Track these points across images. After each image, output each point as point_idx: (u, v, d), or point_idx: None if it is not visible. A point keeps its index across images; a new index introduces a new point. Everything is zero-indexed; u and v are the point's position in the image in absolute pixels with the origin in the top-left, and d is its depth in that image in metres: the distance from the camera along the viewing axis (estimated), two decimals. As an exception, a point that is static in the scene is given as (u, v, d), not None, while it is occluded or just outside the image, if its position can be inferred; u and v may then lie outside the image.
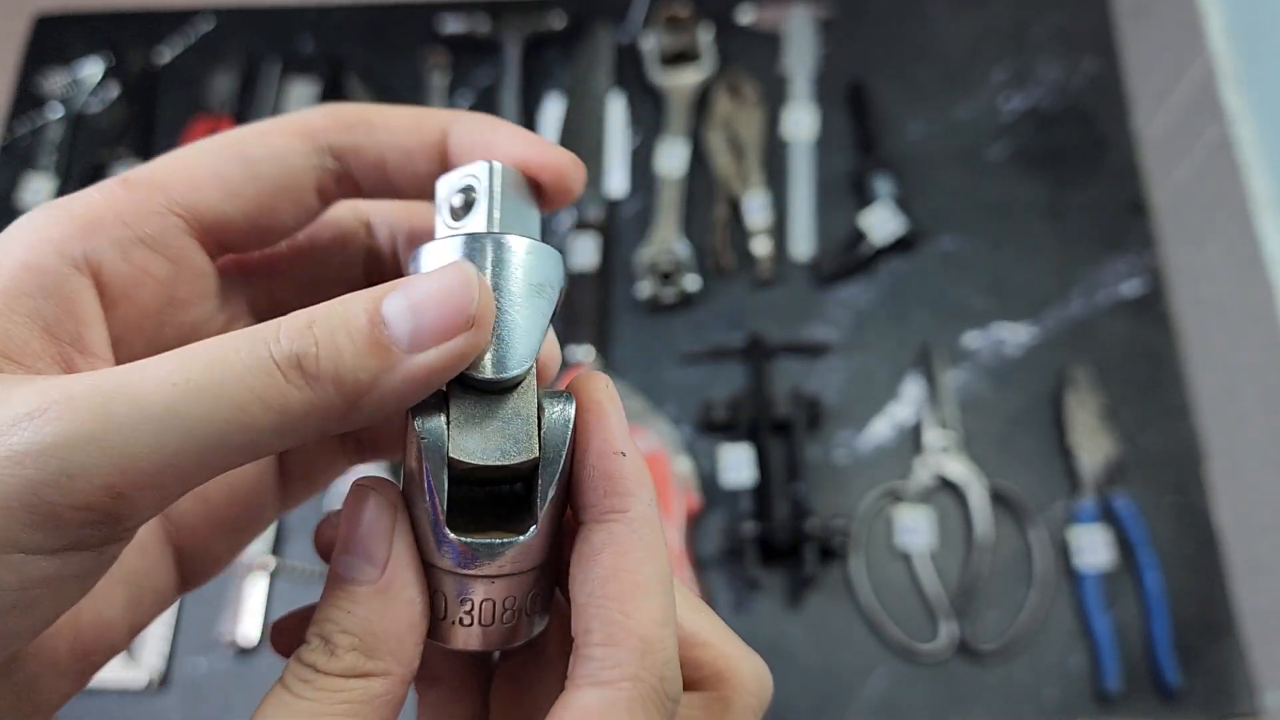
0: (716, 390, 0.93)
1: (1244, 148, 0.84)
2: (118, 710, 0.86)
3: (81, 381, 0.20)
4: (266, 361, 0.21)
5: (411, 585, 0.24)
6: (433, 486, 0.24)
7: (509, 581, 0.25)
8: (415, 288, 0.22)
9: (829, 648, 0.85)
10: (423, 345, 0.22)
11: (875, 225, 0.97)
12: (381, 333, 0.22)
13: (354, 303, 0.22)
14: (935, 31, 1.09)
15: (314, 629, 0.23)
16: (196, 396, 0.20)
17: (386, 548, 0.24)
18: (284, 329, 0.21)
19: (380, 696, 0.23)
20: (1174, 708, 0.82)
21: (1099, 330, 0.95)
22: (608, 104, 1.07)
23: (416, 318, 0.22)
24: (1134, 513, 0.86)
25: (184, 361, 0.20)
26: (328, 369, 0.21)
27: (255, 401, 0.20)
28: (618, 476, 0.24)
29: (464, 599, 0.25)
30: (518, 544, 0.24)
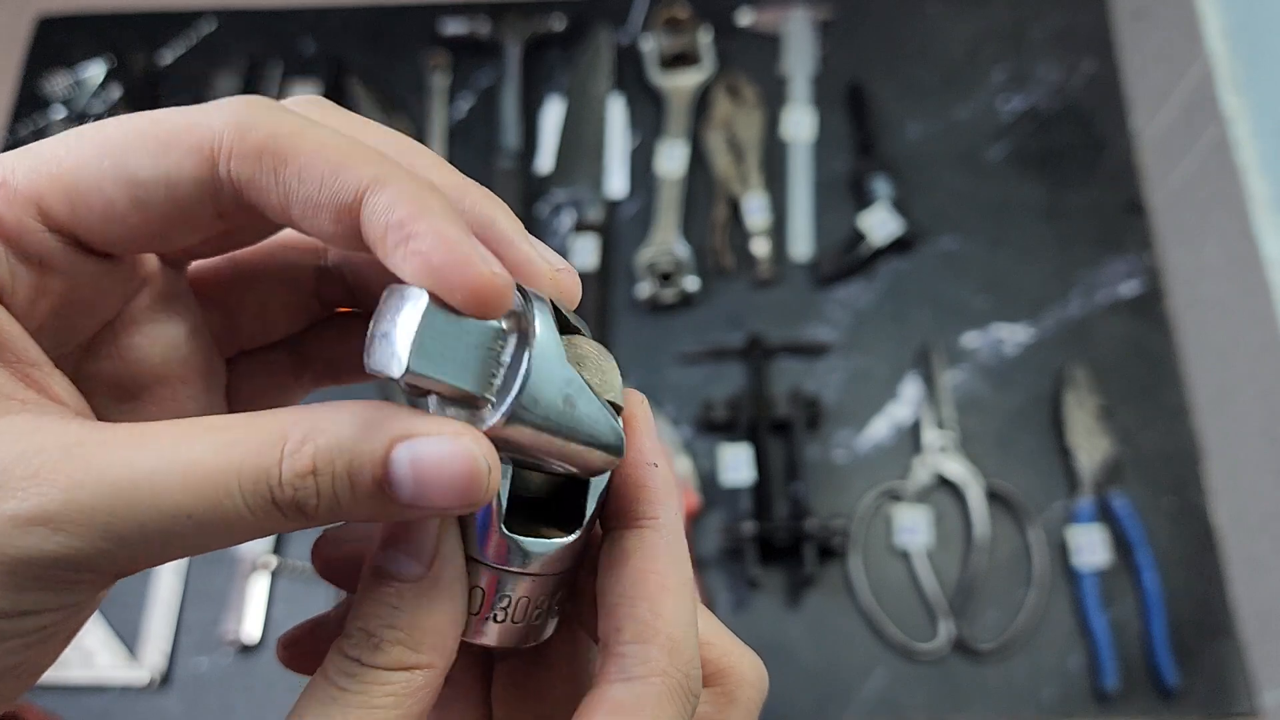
0: (716, 390, 0.94)
1: (1242, 149, 0.85)
2: (120, 708, 0.86)
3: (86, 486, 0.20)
4: (268, 505, 0.21)
5: (457, 580, 0.24)
6: None
7: (545, 581, 0.26)
8: (423, 460, 0.21)
9: (828, 647, 0.85)
10: (423, 507, 0.22)
11: (874, 226, 0.97)
12: (385, 489, 0.22)
13: (363, 451, 0.21)
14: (934, 33, 1.10)
15: (357, 623, 0.24)
16: (196, 531, 0.21)
17: (434, 544, 0.24)
18: (286, 470, 0.21)
19: (421, 689, 0.24)
20: (1172, 707, 0.82)
21: (1097, 330, 0.95)
22: (608, 105, 1.07)
23: (421, 489, 0.22)
24: (1132, 512, 0.86)
25: (189, 489, 0.20)
26: (326, 514, 0.22)
27: (249, 531, 0.21)
28: (650, 486, 0.25)
29: (502, 595, 0.25)
30: (566, 544, 0.25)
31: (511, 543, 0.25)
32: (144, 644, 0.87)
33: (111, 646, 0.87)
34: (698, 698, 0.25)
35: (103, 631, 0.88)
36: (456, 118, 1.09)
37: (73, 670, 0.86)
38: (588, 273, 0.98)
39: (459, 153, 1.07)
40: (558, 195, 1.04)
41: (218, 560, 0.91)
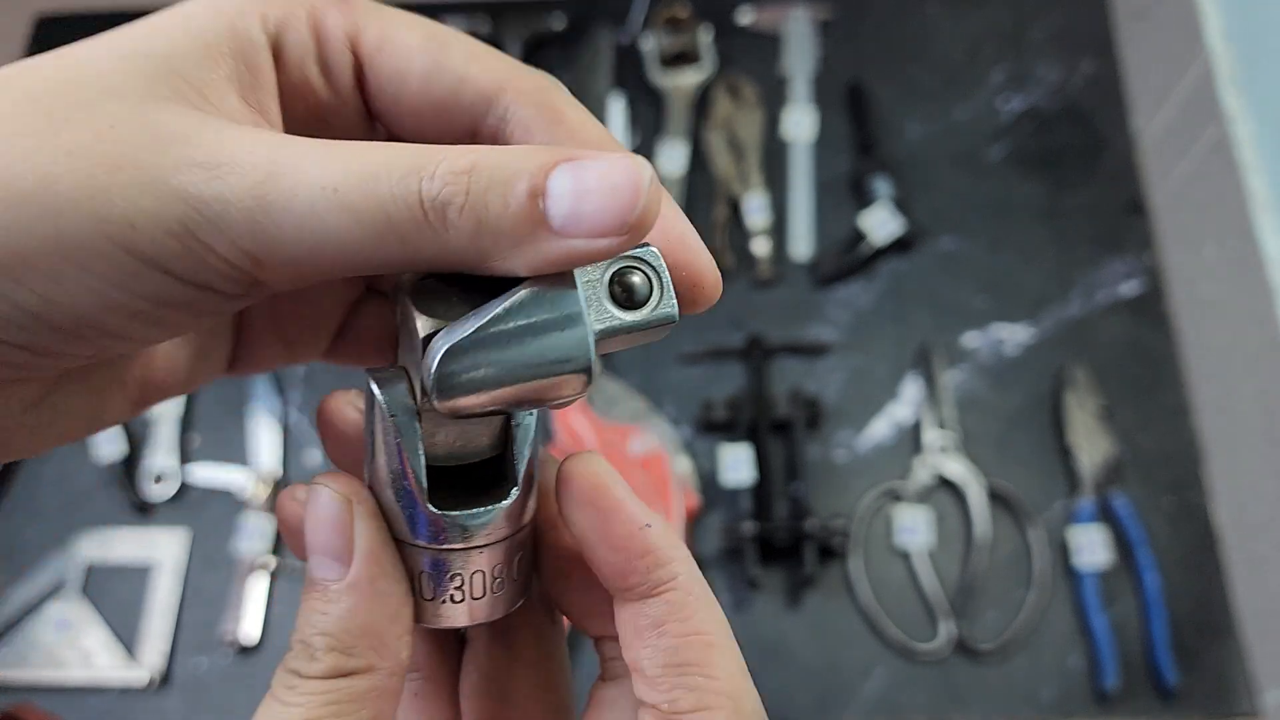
0: (716, 390, 0.94)
1: (1242, 148, 0.85)
2: (119, 709, 0.86)
3: (253, 152, 0.21)
4: (414, 197, 0.21)
5: (384, 575, 0.24)
6: (406, 463, 0.23)
7: (494, 550, 0.25)
8: (586, 173, 0.21)
9: (828, 647, 0.85)
10: (573, 233, 0.21)
11: (874, 226, 0.97)
12: (538, 207, 0.21)
13: (521, 164, 0.21)
14: (934, 33, 1.10)
15: (294, 635, 0.24)
16: (340, 209, 0.21)
17: (348, 542, 0.24)
18: (442, 168, 0.21)
19: (368, 692, 0.23)
20: (1172, 707, 0.82)
21: (1097, 330, 0.95)
22: (608, 105, 1.07)
23: (578, 205, 0.21)
24: (1132, 512, 0.86)
25: (342, 167, 0.21)
26: (468, 224, 0.21)
27: (391, 233, 0.21)
28: (654, 549, 0.25)
29: (452, 574, 0.24)
30: (501, 508, 0.24)
31: (444, 519, 0.24)
32: (143, 644, 0.87)
33: (111, 647, 0.87)
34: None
35: (102, 632, 0.87)
36: (456, 117, 1.09)
37: (72, 671, 0.86)
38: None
39: (459, 152, 1.07)
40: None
41: (217, 561, 0.90)
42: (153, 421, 0.95)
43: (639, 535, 0.25)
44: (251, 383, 0.97)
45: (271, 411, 0.96)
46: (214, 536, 0.91)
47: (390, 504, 0.24)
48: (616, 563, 0.25)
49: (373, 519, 0.24)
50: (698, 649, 0.24)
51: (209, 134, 0.21)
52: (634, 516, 0.25)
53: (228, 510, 0.92)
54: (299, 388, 0.97)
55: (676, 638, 0.24)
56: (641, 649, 0.24)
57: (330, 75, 0.25)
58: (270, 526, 0.91)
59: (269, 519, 0.91)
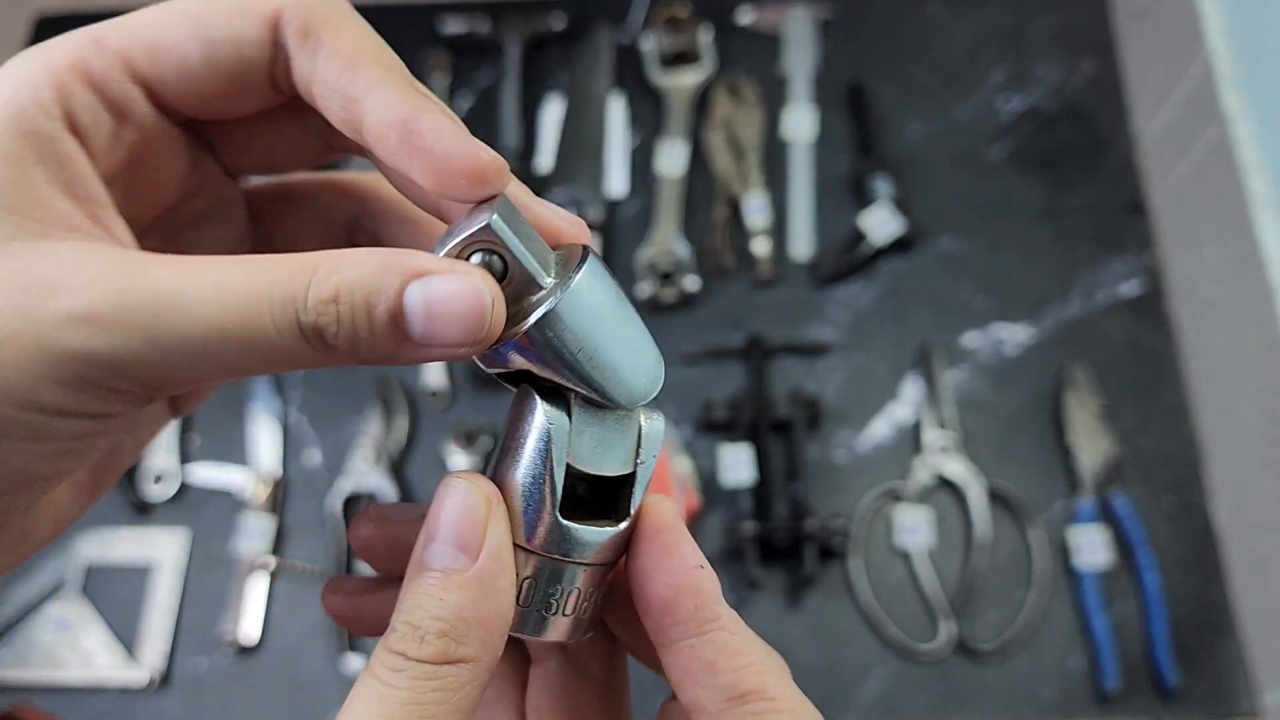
0: (716, 390, 0.94)
1: (1242, 148, 0.85)
2: (119, 709, 0.86)
3: (131, 294, 0.22)
4: (294, 328, 0.23)
5: (505, 574, 0.25)
6: (551, 469, 0.25)
7: (594, 572, 0.26)
8: (436, 290, 0.23)
9: (829, 647, 0.85)
10: (432, 344, 0.23)
11: (874, 226, 0.97)
12: (399, 323, 0.23)
13: (378, 284, 0.23)
14: (934, 32, 1.10)
15: (402, 617, 0.24)
16: (228, 345, 0.22)
17: (481, 536, 0.24)
18: (311, 299, 0.22)
19: (469, 683, 0.24)
20: (1173, 707, 0.82)
21: (1098, 330, 0.95)
22: (608, 104, 1.07)
23: (432, 323, 0.23)
24: (1133, 512, 0.86)
25: (224, 301, 0.22)
26: (345, 344, 0.23)
27: (275, 354, 0.23)
28: (704, 590, 0.26)
29: (553, 586, 0.26)
30: (614, 532, 0.26)
31: (565, 530, 0.25)
32: (143, 644, 0.87)
33: (111, 647, 0.87)
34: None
35: (102, 632, 0.87)
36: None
37: (72, 671, 0.86)
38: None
39: (459, 152, 1.07)
40: (558, 195, 1.04)
41: (217, 561, 0.90)
42: (152, 421, 0.95)
43: (692, 574, 0.26)
44: (252, 383, 0.97)
45: (271, 412, 0.96)
46: (214, 536, 0.91)
47: (515, 508, 0.25)
48: (667, 598, 0.26)
49: (505, 520, 0.25)
50: (753, 678, 0.25)
51: (76, 276, 0.22)
52: (690, 555, 0.26)
53: (228, 510, 0.92)
54: (299, 388, 0.97)
55: (731, 673, 0.25)
56: (699, 690, 0.26)
57: (126, 115, 0.25)
58: (270, 526, 0.91)
59: (269, 519, 0.91)
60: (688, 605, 0.26)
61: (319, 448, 0.95)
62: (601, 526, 0.26)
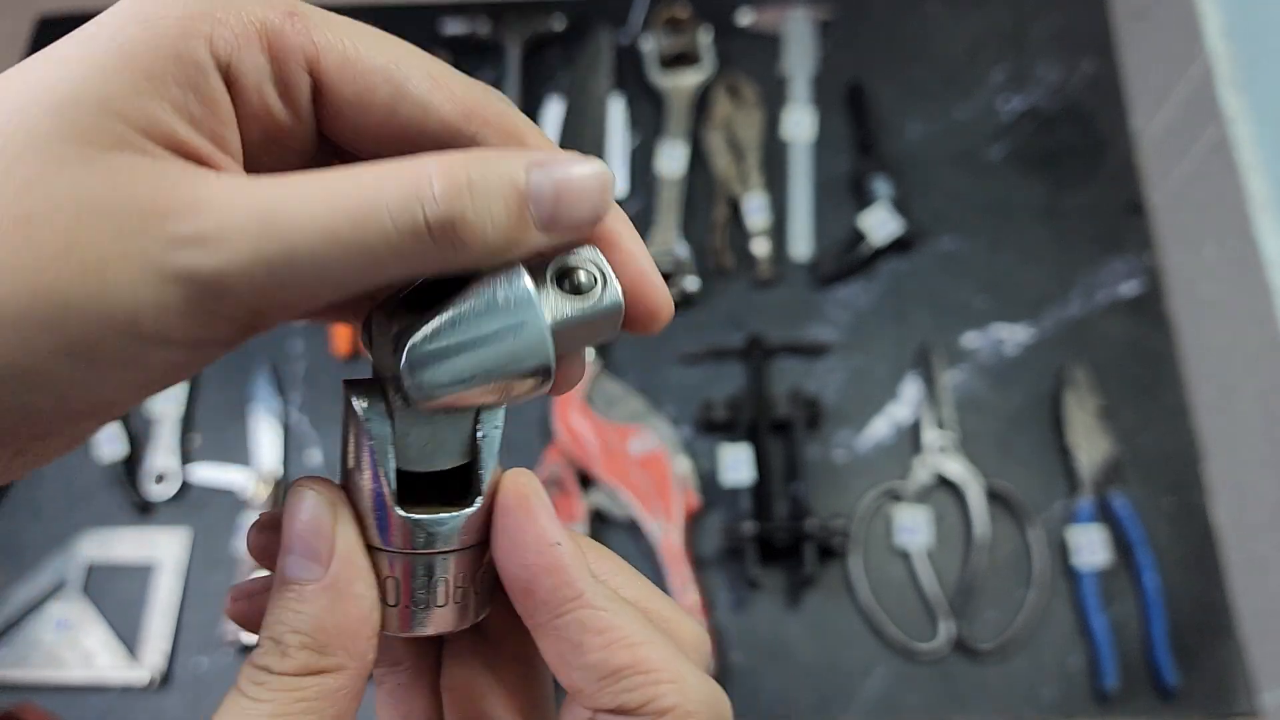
0: (716, 390, 0.94)
1: (1242, 148, 0.85)
2: (120, 708, 0.86)
3: (239, 211, 0.21)
4: (418, 224, 0.21)
5: (360, 579, 0.24)
6: (378, 467, 0.24)
7: (459, 558, 0.25)
8: (560, 172, 0.23)
9: (828, 647, 0.85)
10: (554, 230, 0.23)
11: (874, 226, 0.97)
12: (526, 209, 0.23)
13: (509, 168, 0.22)
14: (934, 33, 1.10)
15: (265, 632, 0.24)
16: (342, 254, 0.21)
17: (330, 544, 0.24)
18: (439, 187, 0.21)
19: (336, 691, 0.24)
20: (1172, 707, 0.82)
21: (1097, 330, 0.95)
22: (608, 105, 1.07)
23: (558, 205, 0.23)
24: (1132, 512, 0.86)
25: (334, 206, 0.21)
26: (477, 238, 0.22)
27: (395, 259, 0.21)
28: (561, 566, 0.25)
29: (416, 580, 0.25)
30: (465, 515, 0.25)
31: (411, 524, 0.25)
32: (144, 644, 0.87)
33: (112, 647, 0.87)
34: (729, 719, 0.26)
35: (103, 632, 0.88)
36: (456, 118, 1.09)
37: (73, 670, 0.86)
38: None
39: (459, 153, 1.07)
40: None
41: (218, 560, 0.91)
42: (154, 421, 0.96)
43: (548, 552, 0.25)
44: (252, 383, 0.97)
45: (272, 411, 0.96)
46: (215, 536, 0.92)
47: (364, 510, 0.25)
48: (525, 579, 0.25)
49: (352, 524, 0.25)
50: (622, 653, 0.24)
51: (183, 195, 0.21)
52: (545, 532, 0.25)
53: (229, 510, 0.92)
54: (299, 388, 0.98)
55: (599, 650, 0.24)
56: (571, 673, 0.25)
57: (289, 99, 0.24)
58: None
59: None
60: (546, 585, 0.25)
61: (320, 448, 0.95)
62: (449, 513, 0.25)
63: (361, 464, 0.25)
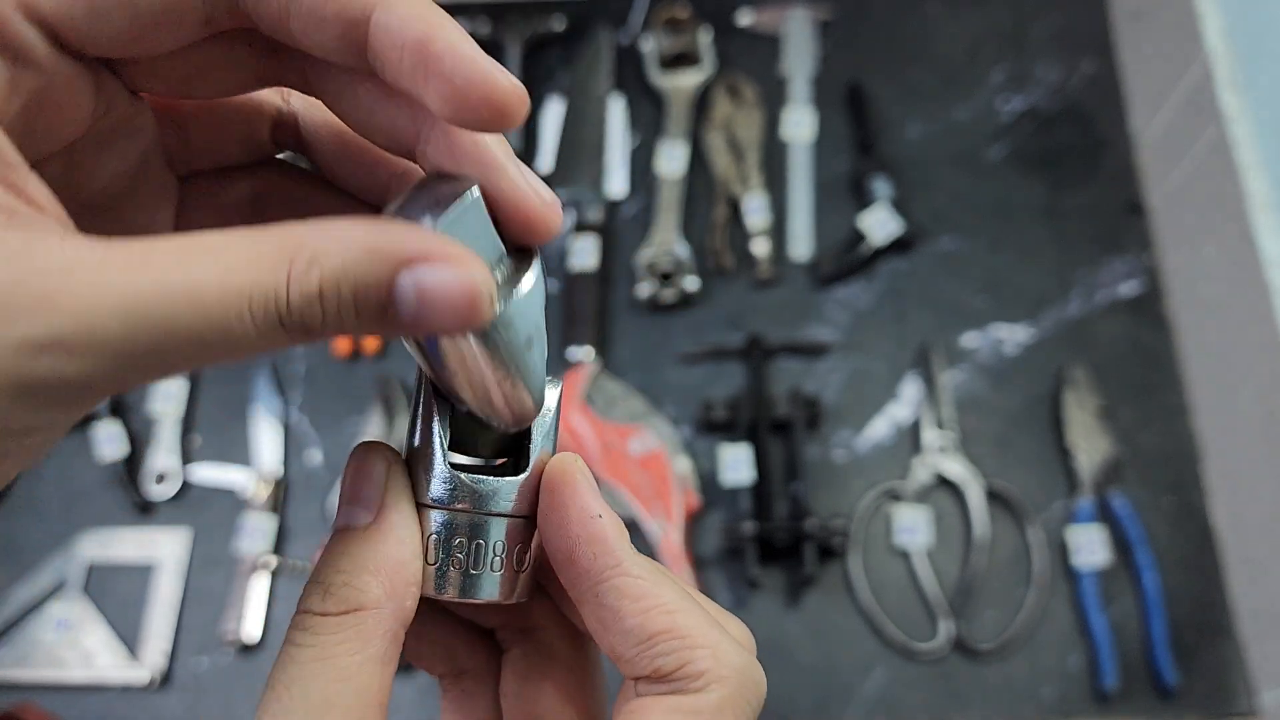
0: (716, 390, 0.94)
1: (1241, 149, 0.85)
2: (120, 708, 0.86)
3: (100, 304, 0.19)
4: (275, 323, 0.21)
5: (404, 525, 0.25)
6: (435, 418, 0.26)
7: (500, 524, 0.26)
8: (429, 280, 0.21)
9: (828, 646, 0.85)
10: (420, 329, 0.22)
11: (874, 226, 0.97)
12: (389, 311, 0.22)
13: (366, 267, 0.21)
14: (934, 33, 1.10)
15: (311, 580, 0.25)
16: (203, 350, 0.20)
17: (379, 491, 0.25)
18: (294, 290, 0.21)
19: (376, 630, 0.24)
20: (1171, 706, 0.82)
21: (1097, 331, 0.95)
22: (608, 105, 1.07)
23: (422, 310, 0.21)
24: (1131, 512, 0.87)
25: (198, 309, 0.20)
26: (331, 332, 0.22)
27: (252, 348, 0.21)
28: (602, 537, 0.26)
29: (455, 538, 0.26)
30: (511, 481, 0.26)
31: (457, 480, 0.26)
32: (144, 644, 0.87)
33: (112, 646, 0.87)
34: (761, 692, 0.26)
35: (103, 631, 0.88)
36: (457, 118, 1.09)
37: (74, 670, 0.86)
38: (588, 273, 0.98)
39: (459, 153, 1.07)
40: (558, 195, 1.04)
41: (218, 560, 0.91)
42: (154, 421, 0.96)
43: (590, 523, 0.26)
44: (253, 383, 0.97)
45: (272, 411, 0.96)
46: (215, 536, 0.92)
47: (418, 468, 0.26)
48: (567, 550, 0.26)
49: (403, 477, 0.26)
50: (659, 618, 0.25)
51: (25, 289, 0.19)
52: (588, 505, 0.26)
53: (229, 510, 0.92)
54: (300, 387, 0.98)
55: (638, 615, 0.25)
56: (611, 638, 0.26)
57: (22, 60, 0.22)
58: (271, 526, 0.91)
59: (270, 519, 0.91)
60: (587, 555, 0.26)
61: (320, 448, 0.95)
62: (486, 478, 0.26)
63: (420, 417, 0.26)
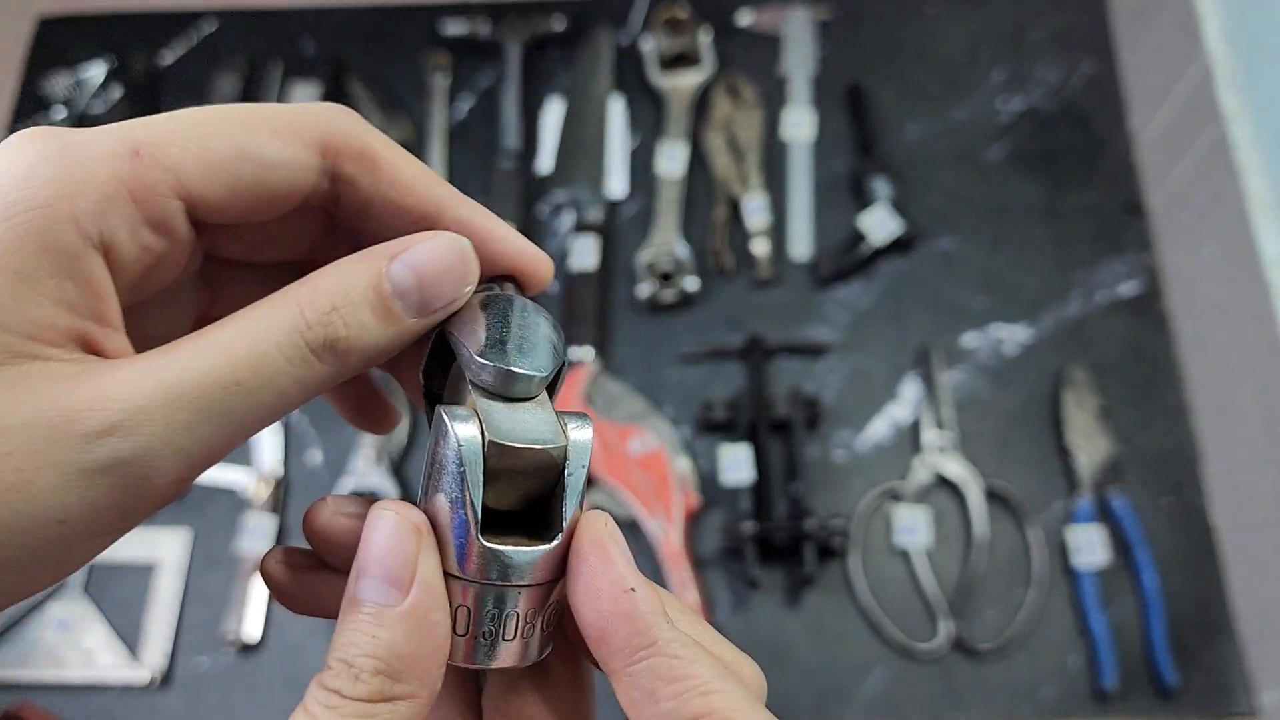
0: (716, 390, 0.94)
1: (1241, 149, 0.85)
2: (120, 708, 0.86)
3: (143, 387, 0.22)
4: (304, 351, 0.24)
5: (438, 607, 0.24)
6: (469, 491, 0.24)
7: (532, 593, 0.25)
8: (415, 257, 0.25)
9: (828, 646, 0.86)
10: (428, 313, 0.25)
11: (874, 226, 0.97)
12: (394, 304, 0.25)
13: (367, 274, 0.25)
14: (933, 33, 1.10)
15: (335, 654, 0.23)
16: (248, 397, 0.23)
17: (412, 570, 0.24)
18: (309, 315, 0.24)
19: (407, 716, 0.23)
20: (1171, 706, 0.82)
21: (1096, 331, 0.95)
22: (608, 106, 1.07)
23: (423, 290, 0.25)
24: (1131, 512, 0.87)
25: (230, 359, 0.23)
26: (356, 347, 0.24)
27: (295, 386, 0.24)
28: (637, 614, 0.25)
29: (487, 611, 0.25)
30: (544, 551, 0.25)
31: (490, 553, 0.24)
32: (145, 643, 0.87)
33: (112, 646, 0.87)
34: None
35: (103, 631, 0.88)
36: (457, 118, 1.09)
37: (74, 670, 0.86)
38: (588, 273, 0.98)
39: (459, 153, 1.07)
40: (558, 196, 1.04)
41: (219, 560, 0.91)
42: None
43: (622, 599, 0.25)
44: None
45: (272, 411, 0.96)
46: (216, 536, 0.92)
47: (443, 535, 0.25)
48: (600, 627, 0.25)
49: (435, 551, 0.25)
50: (697, 702, 0.24)
51: (84, 392, 0.22)
52: (622, 578, 0.25)
53: (230, 509, 0.92)
54: (300, 388, 0.98)
55: (673, 699, 0.24)
56: (645, 719, 0.24)
57: (166, 229, 0.25)
58: (272, 526, 0.91)
59: (271, 518, 0.91)
60: (621, 633, 0.24)
61: (320, 447, 0.95)
62: (529, 546, 0.25)
63: (450, 489, 0.25)
